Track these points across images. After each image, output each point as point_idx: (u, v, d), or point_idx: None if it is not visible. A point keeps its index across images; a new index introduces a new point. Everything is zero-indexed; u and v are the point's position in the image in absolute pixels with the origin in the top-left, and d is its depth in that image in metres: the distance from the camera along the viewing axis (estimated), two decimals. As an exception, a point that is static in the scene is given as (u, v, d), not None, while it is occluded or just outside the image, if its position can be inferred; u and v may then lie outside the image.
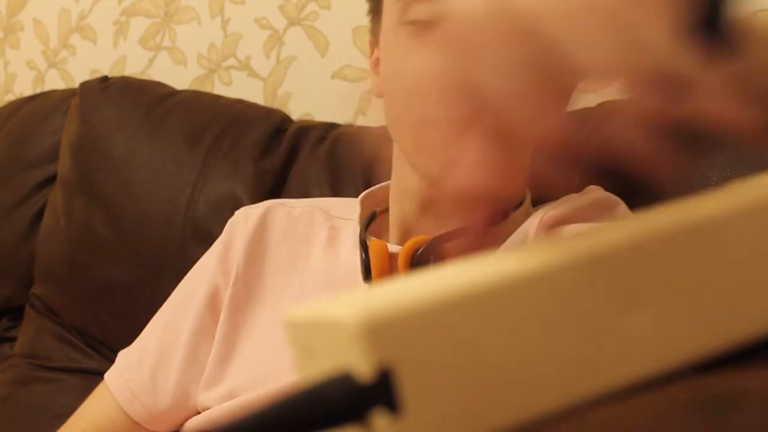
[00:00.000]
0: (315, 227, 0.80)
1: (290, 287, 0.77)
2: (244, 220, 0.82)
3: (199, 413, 0.76)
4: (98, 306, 1.13)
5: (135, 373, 0.79)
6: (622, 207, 0.71)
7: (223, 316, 0.77)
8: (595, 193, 0.71)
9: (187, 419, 0.77)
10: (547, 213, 0.68)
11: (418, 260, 0.67)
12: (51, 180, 1.23)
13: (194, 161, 1.09)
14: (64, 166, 1.19)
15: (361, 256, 0.71)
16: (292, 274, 0.78)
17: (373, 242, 0.71)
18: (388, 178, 0.79)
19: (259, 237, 0.80)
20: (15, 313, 1.25)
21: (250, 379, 0.72)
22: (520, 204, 0.72)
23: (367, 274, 0.70)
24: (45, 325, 1.18)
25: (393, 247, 0.70)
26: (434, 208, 0.71)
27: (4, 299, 1.26)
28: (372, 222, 0.76)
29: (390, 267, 0.70)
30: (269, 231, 0.81)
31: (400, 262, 0.68)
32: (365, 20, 0.80)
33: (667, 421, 0.23)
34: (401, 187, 0.74)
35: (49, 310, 1.19)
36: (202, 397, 0.75)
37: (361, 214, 0.76)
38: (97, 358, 1.14)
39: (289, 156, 1.08)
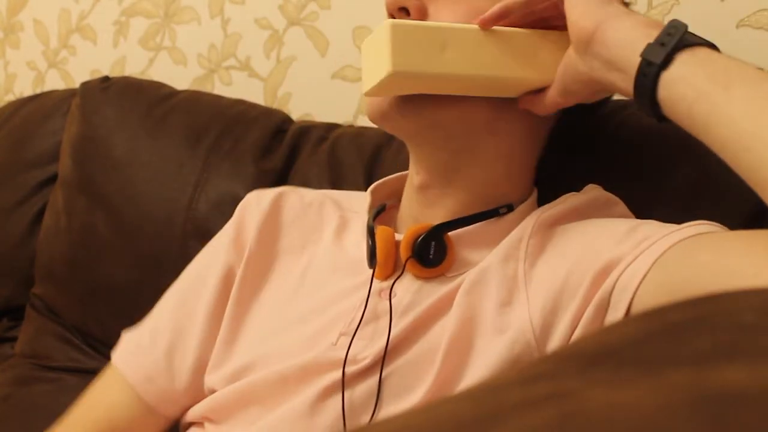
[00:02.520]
0: (325, 215, 0.81)
1: (295, 271, 0.78)
2: (256, 202, 0.82)
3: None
4: (99, 306, 1.13)
5: (149, 354, 0.78)
6: (621, 206, 0.72)
7: (232, 297, 0.77)
8: (593, 191, 0.72)
9: (200, 401, 0.76)
10: (543, 214, 0.68)
11: (419, 247, 0.69)
12: (51, 180, 1.23)
13: (195, 161, 1.09)
14: (64, 166, 1.20)
15: (368, 242, 0.72)
16: (299, 258, 0.78)
17: (380, 229, 0.72)
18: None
19: (271, 219, 0.80)
20: (15, 313, 1.25)
21: (252, 360, 0.72)
22: (526, 199, 0.73)
23: (372, 260, 0.71)
24: (45, 325, 1.18)
25: (399, 236, 0.71)
26: (425, 194, 0.73)
27: (4, 299, 1.26)
28: (382, 213, 0.77)
29: (394, 254, 0.71)
30: (282, 214, 0.81)
31: (402, 248, 0.70)
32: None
33: (666, 420, 0.23)
34: (409, 176, 0.76)
35: (49, 310, 1.19)
36: (208, 378, 0.75)
37: (371, 204, 0.77)
38: (97, 357, 1.14)
39: (290, 156, 1.08)
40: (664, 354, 0.29)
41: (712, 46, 0.57)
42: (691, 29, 0.58)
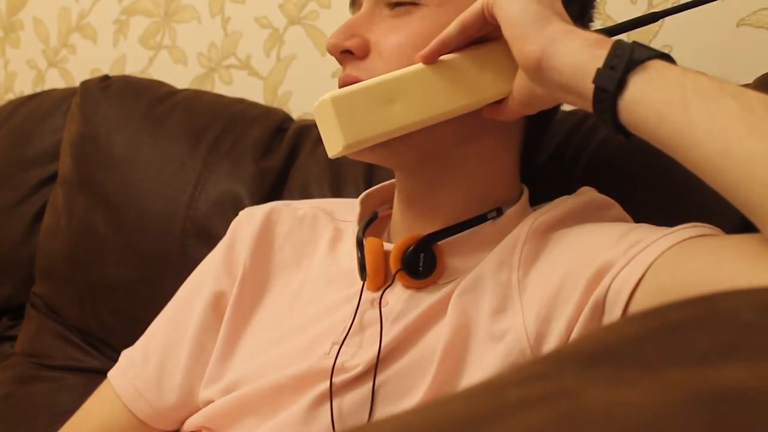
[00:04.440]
0: (319, 228, 0.81)
1: (291, 285, 0.78)
2: (248, 219, 0.82)
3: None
4: (99, 305, 1.13)
5: (140, 371, 0.80)
6: (616, 209, 0.71)
7: (227, 315, 0.78)
8: (587, 194, 0.71)
9: (191, 416, 0.77)
10: (537, 219, 0.68)
11: (408, 258, 0.68)
12: (52, 179, 1.23)
13: (195, 160, 1.09)
14: (64, 165, 1.20)
15: (357, 254, 0.72)
16: (294, 273, 0.79)
17: (368, 241, 0.71)
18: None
19: (264, 236, 0.81)
20: (16, 312, 1.25)
21: (248, 371, 0.73)
22: (516, 202, 0.72)
23: (363, 272, 0.71)
24: (45, 324, 1.18)
25: (389, 246, 0.71)
26: (414, 207, 0.73)
27: (4, 298, 1.26)
28: (374, 222, 0.77)
29: (384, 265, 0.71)
30: (274, 230, 0.81)
31: (391, 261, 0.70)
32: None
33: (666, 420, 0.23)
34: (396, 190, 0.76)
35: (49, 309, 1.19)
36: (203, 393, 0.76)
37: (361, 214, 0.77)
38: (97, 356, 1.14)
39: (290, 155, 1.08)
40: (664, 353, 0.29)
41: (664, 56, 0.55)
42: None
